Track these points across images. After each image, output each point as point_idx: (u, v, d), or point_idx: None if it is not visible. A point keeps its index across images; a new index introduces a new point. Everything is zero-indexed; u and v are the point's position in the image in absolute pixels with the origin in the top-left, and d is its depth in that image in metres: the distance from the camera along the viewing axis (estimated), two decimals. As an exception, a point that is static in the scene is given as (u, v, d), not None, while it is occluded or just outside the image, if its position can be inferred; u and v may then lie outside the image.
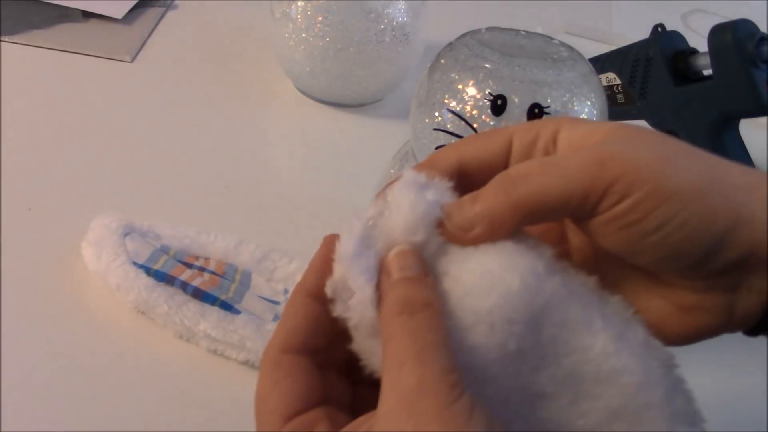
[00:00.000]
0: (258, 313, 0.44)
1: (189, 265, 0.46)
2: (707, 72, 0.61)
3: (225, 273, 0.47)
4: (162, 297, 0.43)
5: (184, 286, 0.44)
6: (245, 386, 0.42)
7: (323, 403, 0.25)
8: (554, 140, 0.25)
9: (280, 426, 0.23)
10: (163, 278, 0.44)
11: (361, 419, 0.23)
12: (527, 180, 0.23)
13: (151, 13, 0.79)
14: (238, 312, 0.43)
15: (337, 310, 0.24)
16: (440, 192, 0.24)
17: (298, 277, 0.49)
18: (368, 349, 0.24)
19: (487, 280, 0.22)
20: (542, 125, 0.25)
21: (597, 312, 0.23)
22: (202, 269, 0.46)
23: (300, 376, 0.24)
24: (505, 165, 0.26)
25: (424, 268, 0.23)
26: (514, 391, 0.22)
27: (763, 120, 0.79)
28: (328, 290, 0.24)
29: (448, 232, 0.24)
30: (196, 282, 0.44)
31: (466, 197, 0.24)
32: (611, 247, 0.24)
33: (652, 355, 0.24)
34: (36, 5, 0.74)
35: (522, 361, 0.22)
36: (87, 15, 0.75)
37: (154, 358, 0.43)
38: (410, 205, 0.23)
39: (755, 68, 0.57)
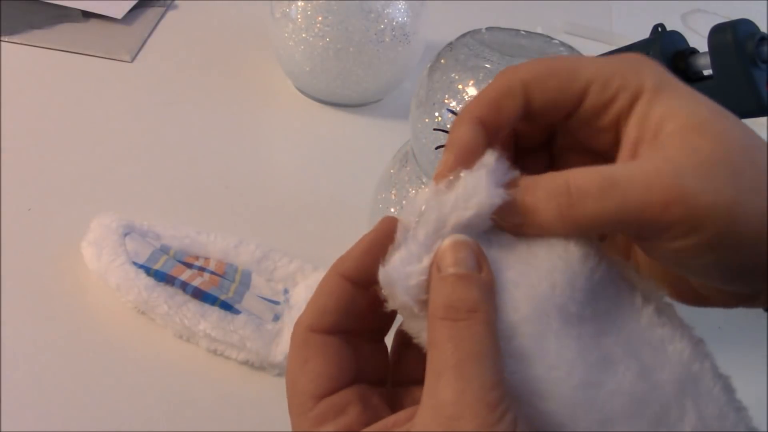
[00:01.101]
0: (258, 313, 0.44)
1: (189, 265, 0.46)
2: (707, 72, 0.61)
3: (225, 273, 0.47)
4: (162, 297, 0.43)
5: (184, 286, 0.44)
6: (245, 386, 0.42)
7: (355, 380, 0.24)
8: (629, 111, 0.24)
9: (312, 406, 0.23)
10: (163, 278, 0.44)
11: (400, 418, 0.23)
12: (585, 203, 0.22)
13: (151, 13, 0.79)
14: (238, 312, 0.43)
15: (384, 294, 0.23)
16: (505, 176, 0.23)
17: (299, 277, 0.49)
18: (418, 328, 0.23)
19: (546, 245, 0.23)
20: (622, 85, 0.23)
21: (637, 291, 0.24)
22: (202, 269, 0.46)
23: (329, 355, 0.24)
24: (573, 111, 0.24)
25: (479, 261, 0.22)
26: (579, 353, 0.21)
27: (763, 120, 0.78)
28: (381, 282, 0.23)
29: (499, 223, 0.23)
30: (196, 282, 0.44)
31: (518, 194, 0.23)
32: (653, 259, 0.24)
33: (690, 332, 0.24)
34: (36, 5, 0.74)
35: (582, 326, 0.22)
36: (87, 15, 0.75)
37: (154, 358, 0.43)
38: (486, 194, 0.22)
39: (755, 68, 0.57)
